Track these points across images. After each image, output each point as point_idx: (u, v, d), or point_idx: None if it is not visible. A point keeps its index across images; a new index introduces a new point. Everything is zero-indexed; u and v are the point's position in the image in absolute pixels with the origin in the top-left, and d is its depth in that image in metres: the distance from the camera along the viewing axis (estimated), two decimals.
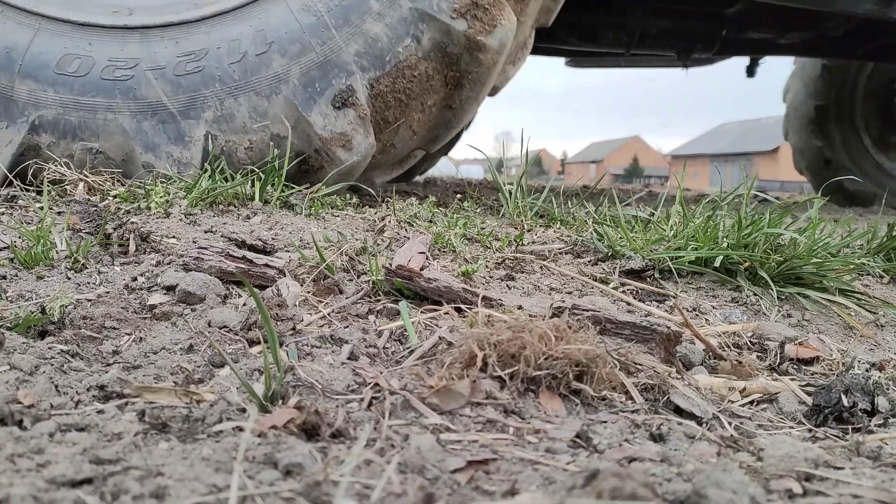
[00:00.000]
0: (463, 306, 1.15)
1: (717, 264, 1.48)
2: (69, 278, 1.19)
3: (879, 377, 1.03)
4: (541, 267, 1.51)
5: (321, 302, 1.18)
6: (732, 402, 0.98)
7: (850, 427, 0.92)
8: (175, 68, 1.91)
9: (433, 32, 1.99)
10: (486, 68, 2.11)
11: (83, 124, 1.89)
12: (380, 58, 1.97)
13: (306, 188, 1.92)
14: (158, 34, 1.93)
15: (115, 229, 1.39)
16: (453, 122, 2.31)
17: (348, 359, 0.96)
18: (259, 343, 1.00)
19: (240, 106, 1.93)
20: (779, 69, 6.46)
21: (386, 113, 2.04)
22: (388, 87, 2.00)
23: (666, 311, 1.31)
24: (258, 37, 1.93)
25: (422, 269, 1.27)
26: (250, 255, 1.24)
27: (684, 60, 4.51)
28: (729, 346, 1.20)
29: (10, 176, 1.86)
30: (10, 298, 1.09)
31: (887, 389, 1.00)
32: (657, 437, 0.82)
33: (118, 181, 1.87)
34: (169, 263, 1.26)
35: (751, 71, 5.33)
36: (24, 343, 0.93)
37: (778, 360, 1.14)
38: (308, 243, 1.46)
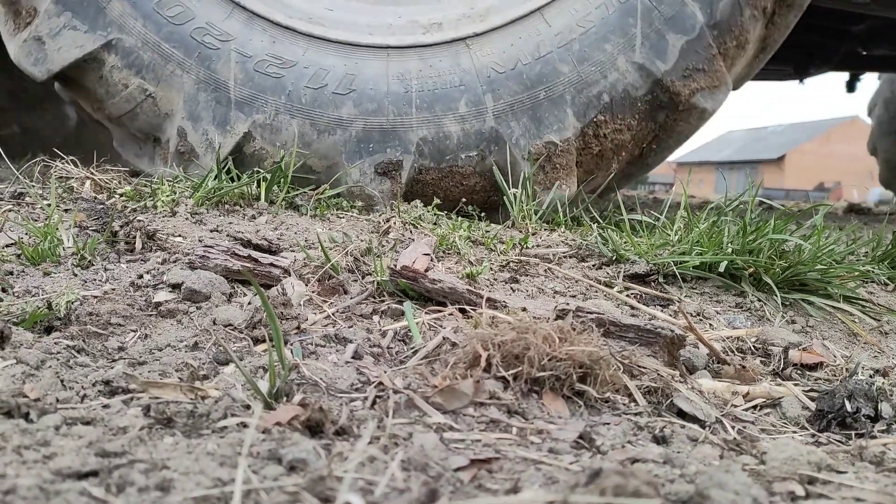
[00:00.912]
0: (467, 307, 1.15)
1: (721, 269, 1.48)
2: (76, 275, 1.20)
3: (883, 383, 1.03)
4: (545, 270, 1.51)
5: (326, 301, 1.19)
6: (736, 406, 0.98)
7: (853, 432, 0.92)
8: (258, 63, 1.93)
9: (499, 157, 2.00)
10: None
11: (151, 66, 1.92)
12: (441, 153, 1.98)
13: (312, 189, 1.93)
14: (262, 26, 1.96)
15: (121, 227, 1.40)
16: None
17: (352, 358, 0.96)
18: (264, 341, 1.00)
19: (290, 126, 1.94)
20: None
21: (418, 199, 2.05)
22: (432, 179, 2.02)
23: (670, 315, 1.31)
24: (345, 79, 1.95)
25: (426, 271, 1.28)
26: (256, 254, 1.25)
27: (800, 75, 4.43)
28: (733, 351, 1.20)
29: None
30: (16, 294, 1.10)
31: (891, 395, 1.00)
32: (660, 440, 0.82)
33: (124, 179, 1.87)
34: (175, 261, 1.27)
35: (851, 86, 5.14)
36: (30, 338, 0.93)
37: (782, 366, 1.14)
38: (313, 244, 1.47)
